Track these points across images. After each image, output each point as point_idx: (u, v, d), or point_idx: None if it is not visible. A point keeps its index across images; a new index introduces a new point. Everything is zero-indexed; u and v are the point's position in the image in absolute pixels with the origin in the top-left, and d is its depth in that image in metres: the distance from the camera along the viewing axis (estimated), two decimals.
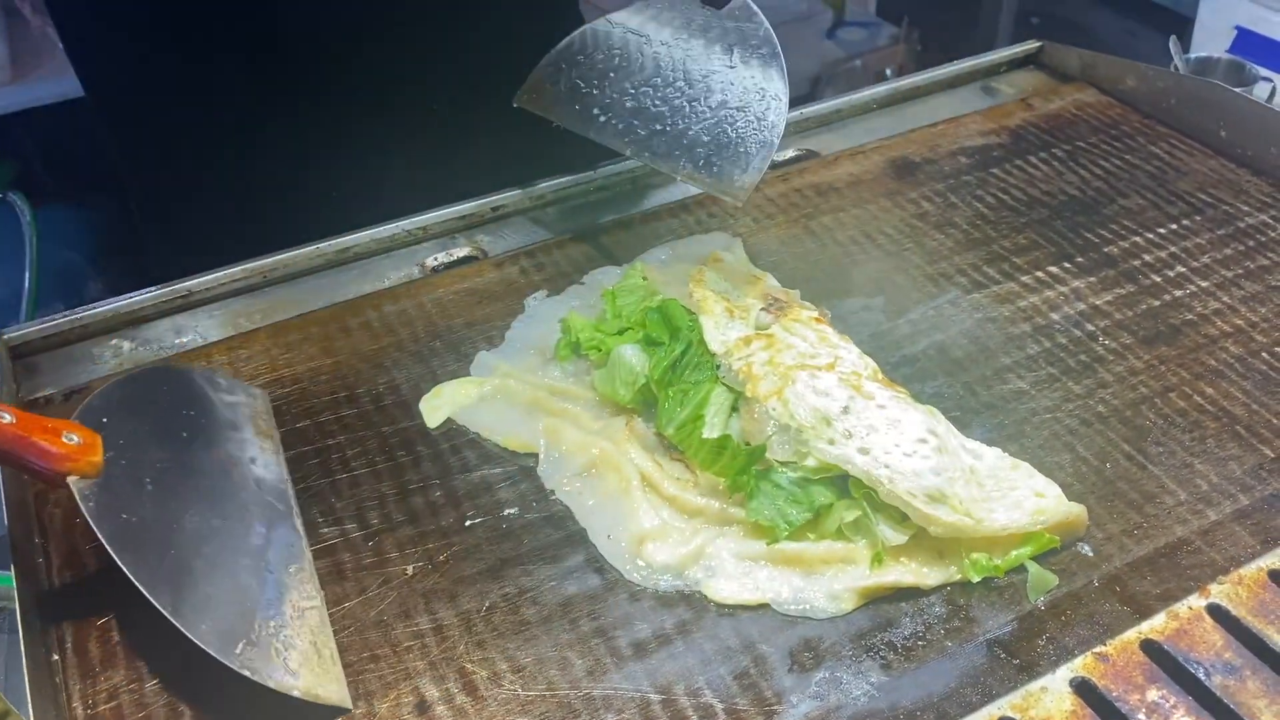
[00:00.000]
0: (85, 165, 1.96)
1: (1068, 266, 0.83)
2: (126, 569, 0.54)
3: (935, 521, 0.61)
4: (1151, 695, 0.50)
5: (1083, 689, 0.50)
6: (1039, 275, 0.83)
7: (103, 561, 0.63)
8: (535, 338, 0.77)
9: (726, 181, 0.78)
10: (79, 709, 0.56)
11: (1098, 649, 0.51)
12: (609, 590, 0.61)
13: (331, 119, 0.93)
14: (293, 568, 0.61)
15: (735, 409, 0.67)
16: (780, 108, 0.78)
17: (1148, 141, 0.97)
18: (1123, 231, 0.87)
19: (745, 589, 0.61)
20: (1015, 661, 0.57)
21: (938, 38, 2.37)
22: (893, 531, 0.61)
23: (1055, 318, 0.79)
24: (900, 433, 0.64)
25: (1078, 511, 0.63)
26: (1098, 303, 0.80)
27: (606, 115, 0.84)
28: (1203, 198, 0.90)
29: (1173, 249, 0.85)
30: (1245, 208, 0.89)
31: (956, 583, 0.61)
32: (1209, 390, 0.72)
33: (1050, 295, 0.81)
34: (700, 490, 0.65)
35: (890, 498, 0.61)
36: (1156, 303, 0.80)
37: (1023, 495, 0.64)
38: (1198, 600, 0.53)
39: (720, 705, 0.55)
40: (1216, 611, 0.52)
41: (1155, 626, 0.52)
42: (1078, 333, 0.77)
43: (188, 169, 0.97)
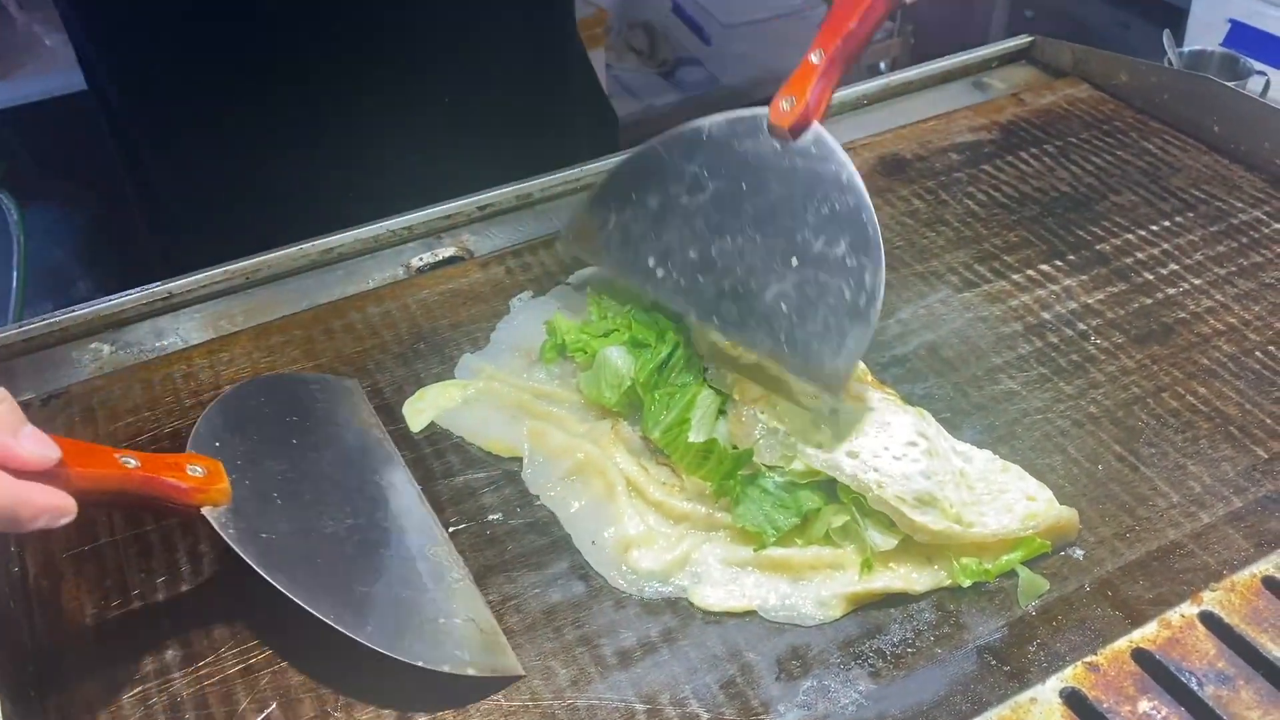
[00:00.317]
0: (73, 164, 1.95)
1: (1059, 264, 0.82)
2: (283, 588, 0.54)
3: (922, 530, 0.60)
4: (1143, 706, 0.49)
5: (1073, 700, 0.49)
6: (1030, 273, 0.82)
7: (78, 569, 0.62)
8: (520, 339, 0.76)
9: (815, 366, 0.62)
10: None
11: (1088, 658, 0.50)
12: (593, 598, 0.60)
13: (340, 114, 0.92)
14: (432, 549, 0.61)
15: (722, 412, 0.66)
16: (876, 271, 0.61)
17: (1140, 137, 0.96)
18: (1115, 229, 0.86)
19: (732, 596, 0.60)
20: (1006, 668, 0.56)
21: (932, 31, 2.36)
22: (881, 536, 0.60)
23: (1047, 317, 0.78)
24: (889, 436, 0.63)
25: (1069, 515, 0.62)
26: (1089, 301, 0.79)
27: (665, 267, 0.69)
28: (1195, 194, 0.89)
29: (1165, 246, 0.84)
30: (1238, 204, 0.88)
31: (946, 588, 0.60)
32: (1202, 390, 0.71)
33: (1042, 294, 0.80)
34: (686, 495, 0.64)
35: (878, 503, 0.60)
36: (1149, 301, 0.79)
37: (1013, 499, 0.63)
38: (1190, 608, 0.52)
39: (706, 715, 0.54)
40: (1209, 619, 0.51)
41: (1147, 635, 0.51)
42: (1069, 332, 0.76)
43: (189, 162, 0.96)
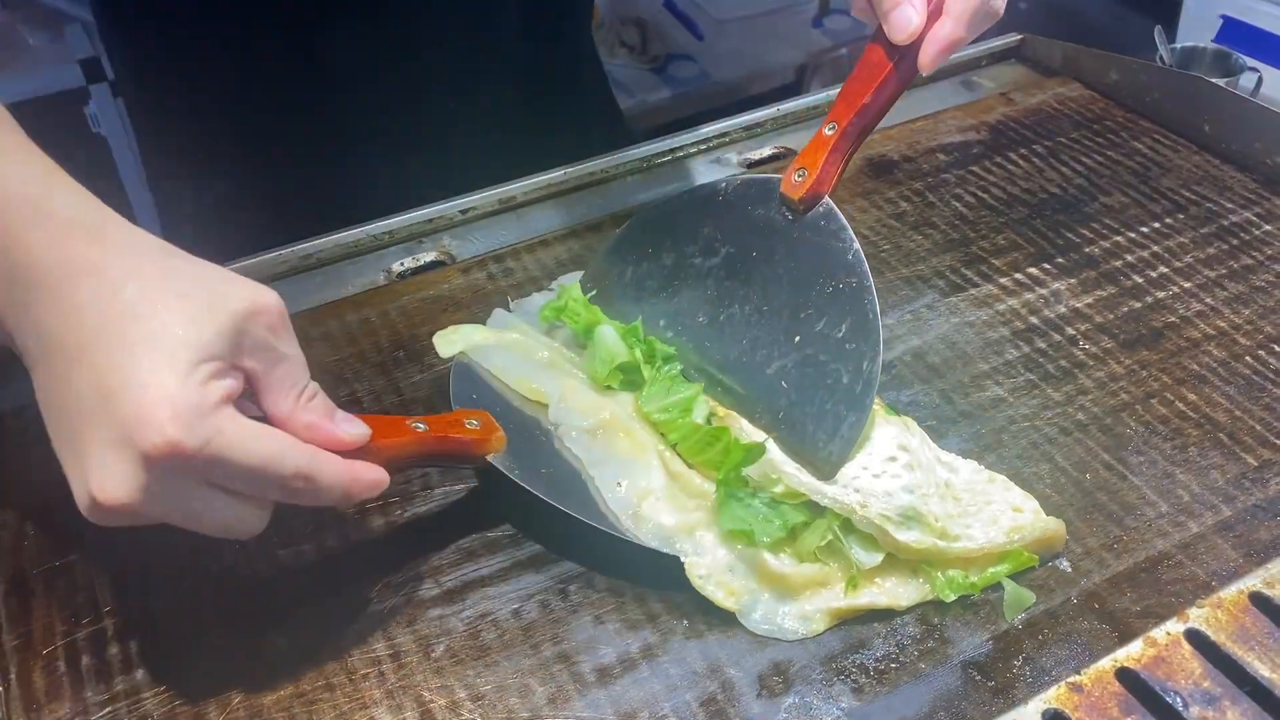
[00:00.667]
0: (59, 163, 1.94)
1: (1048, 268, 0.81)
2: (579, 515, 0.60)
3: (905, 549, 0.59)
4: None
5: None
6: (1018, 277, 0.81)
7: (49, 585, 0.61)
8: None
9: (810, 449, 0.61)
10: None
11: (1072, 679, 0.49)
12: (572, 613, 0.59)
13: (353, 111, 0.93)
14: None
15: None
16: (874, 359, 0.61)
17: (1130, 137, 0.95)
18: (1104, 231, 0.85)
19: (720, 587, 0.59)
20: (990, 684, 0.55)
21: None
22: (865, 554, 0.59)
23: (1035, 321, 0.77)
24: (868, 453, 0.62)
25: (1055, 527, 0.61)
26: (1078, 305, 0.78)
27: (674, 329, 0.69)
28: (1186, 195, 0.88)
29: (1155, 249, 0.83)
30: (1229, 205, 0.87)
31: (931, 601, 0.59)
32: (1191, 396, 0.71)
33: (1030, 298, 0.79)
34: (702, 475, 0.63)
35: (864, 524, 0.59)
36: (1138, 305, 0.78)
37: (999, 510, 0.62)
38: (1176, 625, 0.51)
39: None
40: (1195, 637, 0.50)
41: (1132, 654, 0.50)
42: (1057, 337, 0.75)
43: (208, 154, 0.96)
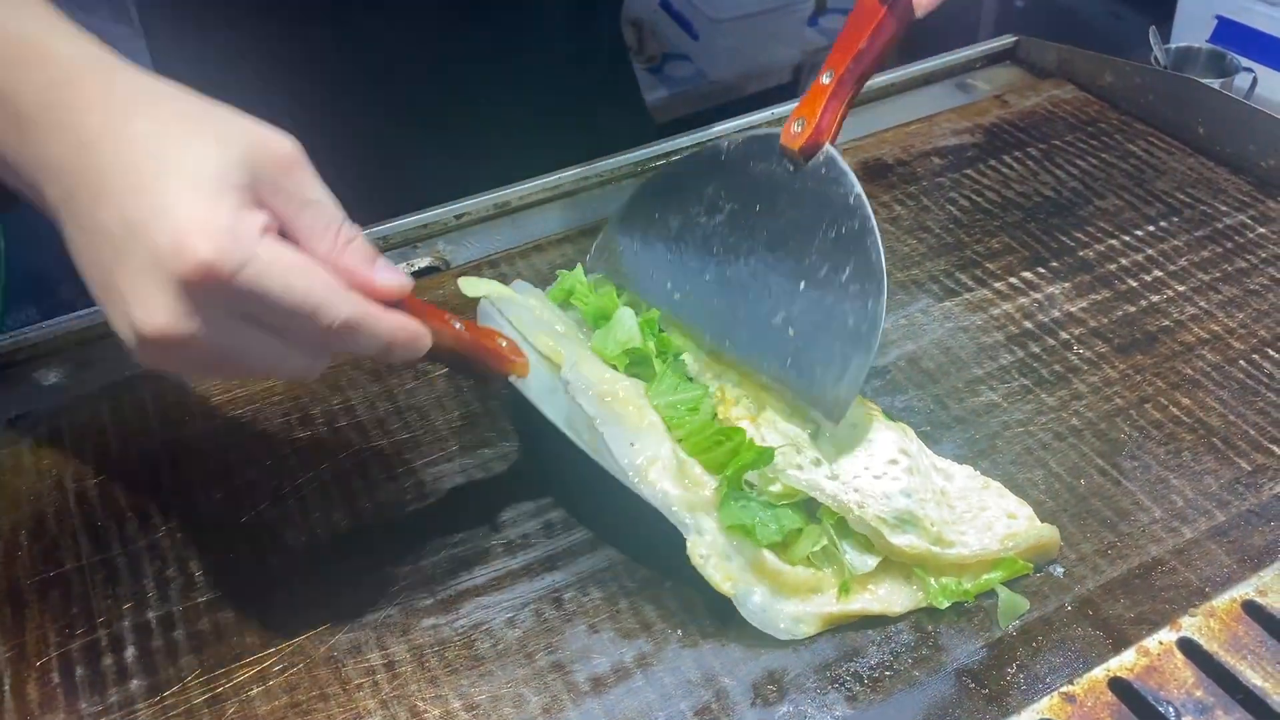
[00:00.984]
0: None
1: (1042, 271, 0.81)
2: (586, 449, 0.61)
3: (900, 553, 0.59)
4: None
5: None
6: (1013, 281, 0.81)
7: (42, 596, 0.61)
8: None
9: (818, 393, 0.62)
10: None
11: (1065, 689, 0.49)
12: (566, 622, 0.59)
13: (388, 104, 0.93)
14: None
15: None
16: (878, 299, 0.61)
17: (1125, 139, 0.95)
18: (1099, 234, 0.85)
19: (719, 569, 0.59)
20: (984, 691, 0.55)
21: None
22: (860, 559, 0.59)
23: (1029, 325, 0.77)
24: (870, 454, 0.62)
25: (1050, 534, 0.61)
26: (1072, 309, 0.78)
27: (682, 290, 0.70)
28: (1181, 198, 0.88)
29: (1149, 252, 0.83)
30: (1224, 208, 0.87)
31: (925, 608, 0.59)
32: (1185, 401, 0.71)
33: (1024, 302, 0.79)
34: (704, 469, 0.62)
35: (859, 524, 0.59)
36: (1132, 309, 0.78)
37: (993, 516, 0.62)
38: (1168, 634, 0.51)
39: None
40: (1188, 646, 0.50)
41: (1125, 664, 0.50)
42: (1051, 341, 0.75)
43: None
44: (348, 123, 0.93)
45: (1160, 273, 0.81)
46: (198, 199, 0.45)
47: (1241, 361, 0.73)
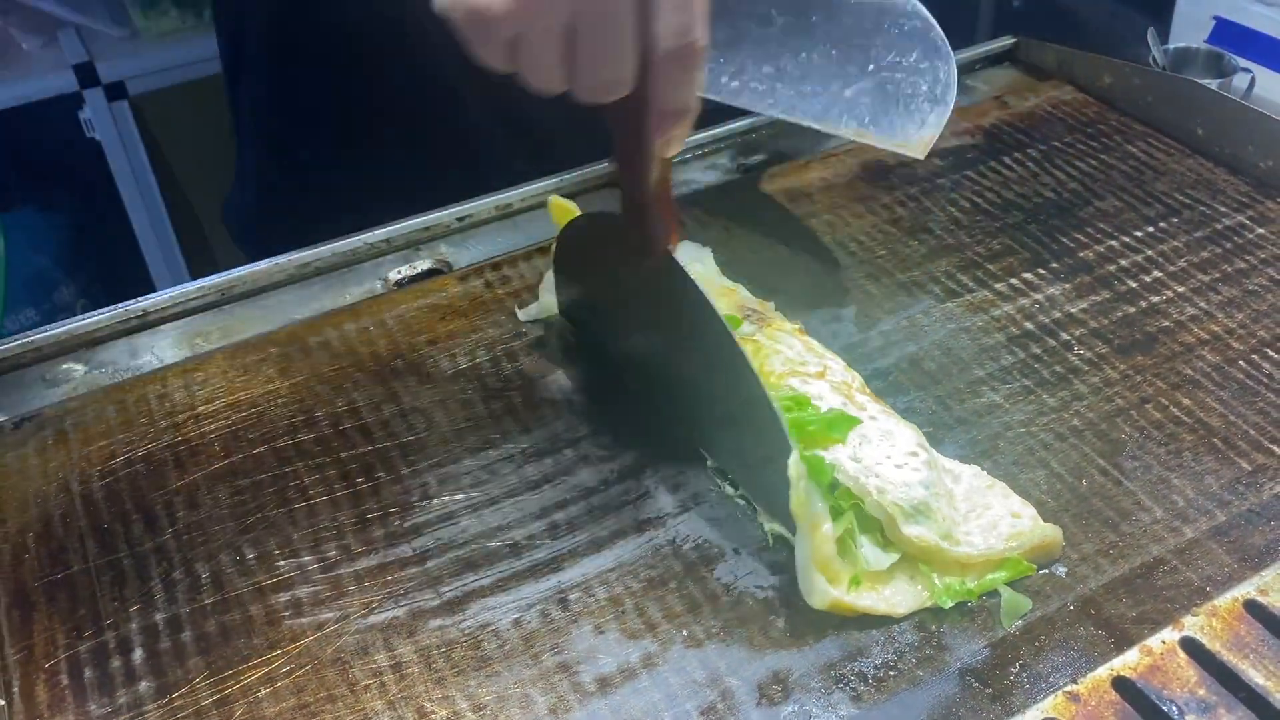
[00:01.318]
0: (53, 168, 1.94)
1: (1042, 273, 0.82)
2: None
3: (909, 543, 0.59)
4: None
5: None
6: (1013, 282, 0.81)
7: (50, 598, 0.61)
8: None
9: (902, 136, 0.74)
10: None
11: (1069, 688, 0.49)
12: (572, 623, 0.59)
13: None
14: None
15: None
16: (950, 70, 0.74)
17: (1124, 141, 0.95)
18: (1098, 235, 0.85)
19: (800, 493, 0.59)
20: (988, 690, 0.55)
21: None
22: (875, 554, 0.60)
23: (1030, 327, 0.77)
24: (892, 444, 0.63)
25: (1053, 534, 0.61)
26: (1073, 310, 0.78)
27: (741, 80, 0.78)
28: (1180, 199, 0.88)
29: (1149, 253, 0.83)
30: (1223, 208, 0.87)
31: (928, 608, 0.60)
32: (1185, 401, 0.71)
33: (1024, 303, 0.79)
34: None
35: (875, 509, 0.59)
36: (1132, 309, 0.78)
37: (998, 516, 0.62)
38: (1171, 634, 0.51)
39: None
40: (1190, 645, 0.51)
41: (1128, 663, 0.50)
42: (1052, 342, 0.76)
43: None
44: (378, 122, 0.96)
45: (1160, 274, 0.81)
46: None
47: (1241, 362, 0.73)
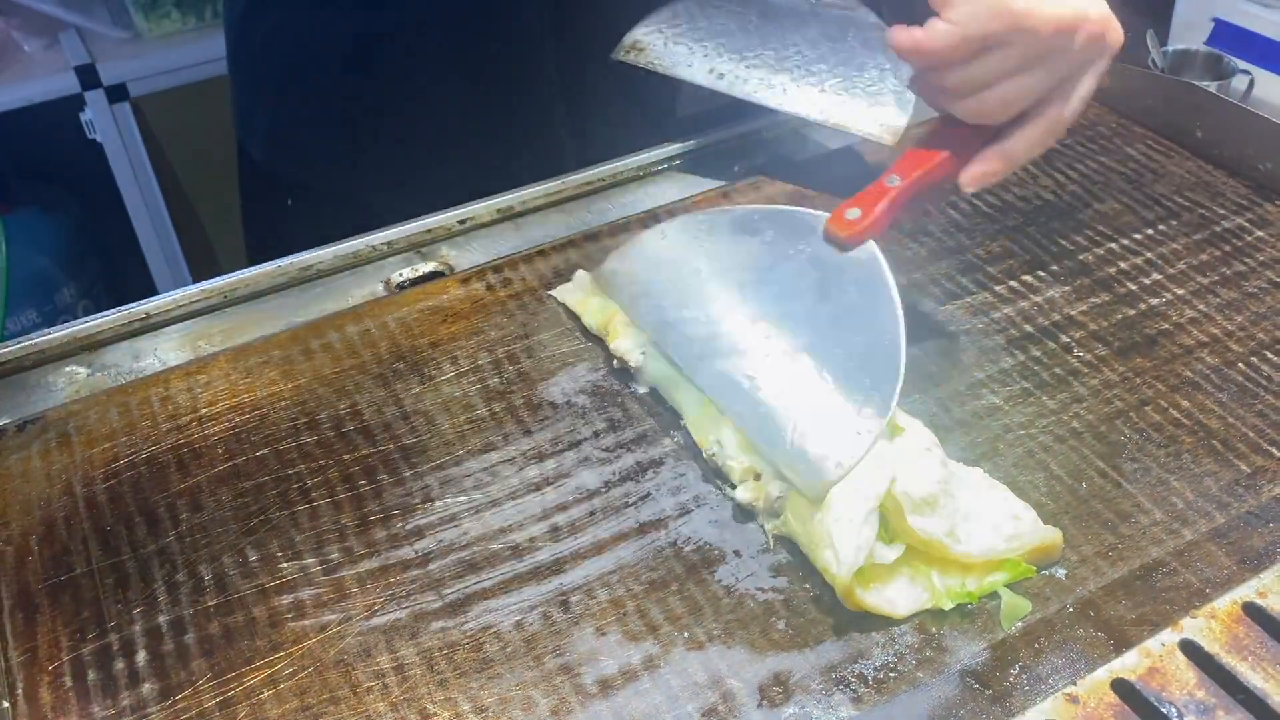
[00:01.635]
0: (54, 170, 1.94)
1: (1042, 275, 0.82)
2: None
3: (913, 536, 0.60)
4: None
5: None
6: (1013, 284, 0.81)
7: (54, 601, 0.62)
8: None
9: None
10: None
11: (1068, 690, 0.50)
12: (574, 625, 0.60)
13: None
14: None
15: None
16: (882, 414, 0.62)
17: (1124, 143, 0.95)
18: (1098, 237, 0.85)
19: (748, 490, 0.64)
20: (988, 692, 0.56)
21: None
22: (881, 548, 0.60)
23: (1029, 329, 0.77)
24: (907, 439, 0.63)
25: (1053, 536, 0.61)
26: (1072, 313, 0.79)
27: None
28: (1180, 201, 0.89)
29: (1149, 255, 0.84)
30: (1222, 211, 0.87)
31: (928, 610, 0.60)
32: (1185, 403, 0.71)
33: (1024, 306, 0.79)
34: None
35: (886, 498, 0.60)
36: (1132, 312, 0.79)
37: (998, 518, 0.62)
38: (1170, 636, 0.52)
39: None
40: (1189, 648, 0.51)
41: (1127, 665, 0.51)
42: (1052, 344, 0.76)
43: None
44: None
45: (1159, 276, 0.81)
46: None
47: (1240, 364, 0.74)
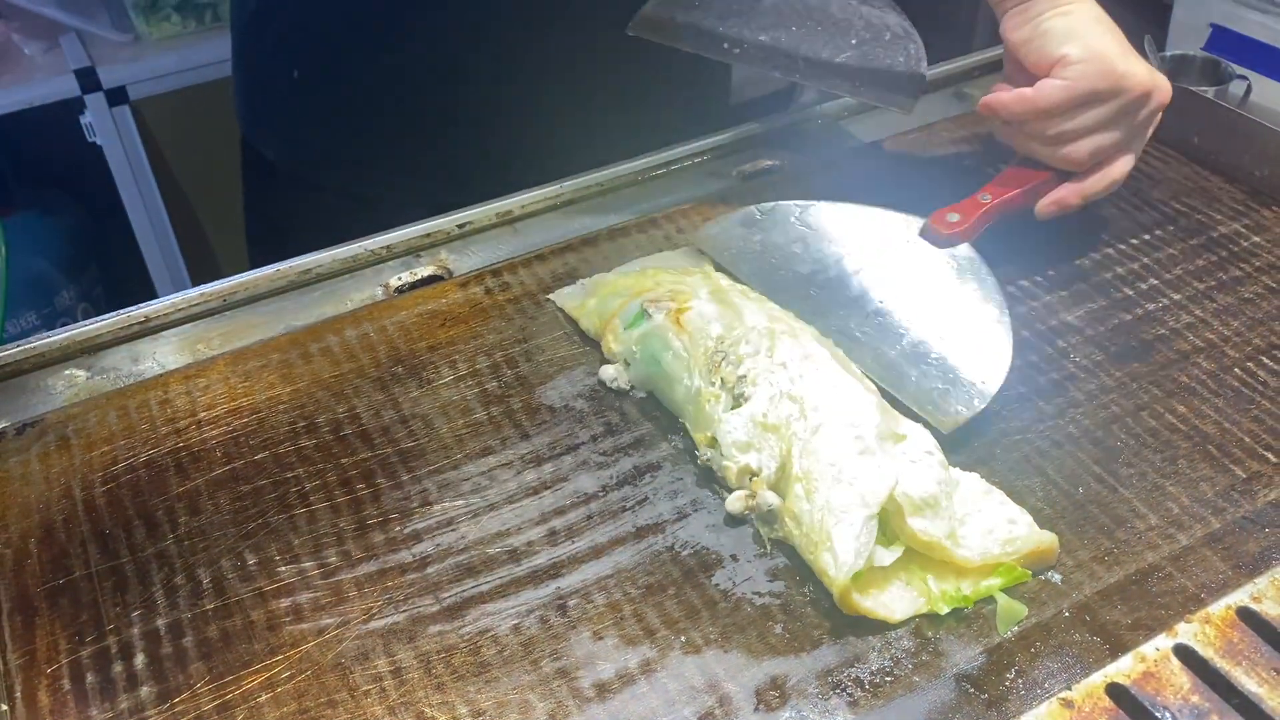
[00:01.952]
0: (54, 172, 1.94)
1: (1039, 280, 0.82)
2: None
3: (913, 538, 0.60)
4: None
5: None
6: (1010, 289, 0.81)
7: (52, 604, 0.62)
8: None
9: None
10: None
11: (1063, 695, 0.50)
12: (571, 629, 0.60)
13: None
14: None
15: None
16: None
17: None
18: (1094, 242, 0.86)
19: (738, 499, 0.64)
20: (984, 697, 0.56)
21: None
22: (879, 550, 0.60)
23: (1026, 334, 0.78)
24: (908, 443, 0.64)
25: (1049, 541, 0.62)
26: (1069, 318, 0.79)
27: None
28: (1176, 206, 0.89)
29: (1145, 260, 0.84)
30: (1218, 216, 0.88)
31: (925, 614, 0.60)
32: (1181, 408, 0.71)
33: (1022, 310, 0.80)
34: None
35: (888, 499, 0.60)
36: (1128, 317, 0.79)
37: (994, 522, 0.63)
38: (1165, 640, 0.52)
39: None
40: (1184, 652, 0.51)
41: (1122, 670, 0.51)
42: (1049, 349, 0.76)
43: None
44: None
45: (1156, 281, 0.82)
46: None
47: (1236, 369, 0.74)
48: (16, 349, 0.78)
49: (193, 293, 0.82)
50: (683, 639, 0.59)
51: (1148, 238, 0.86)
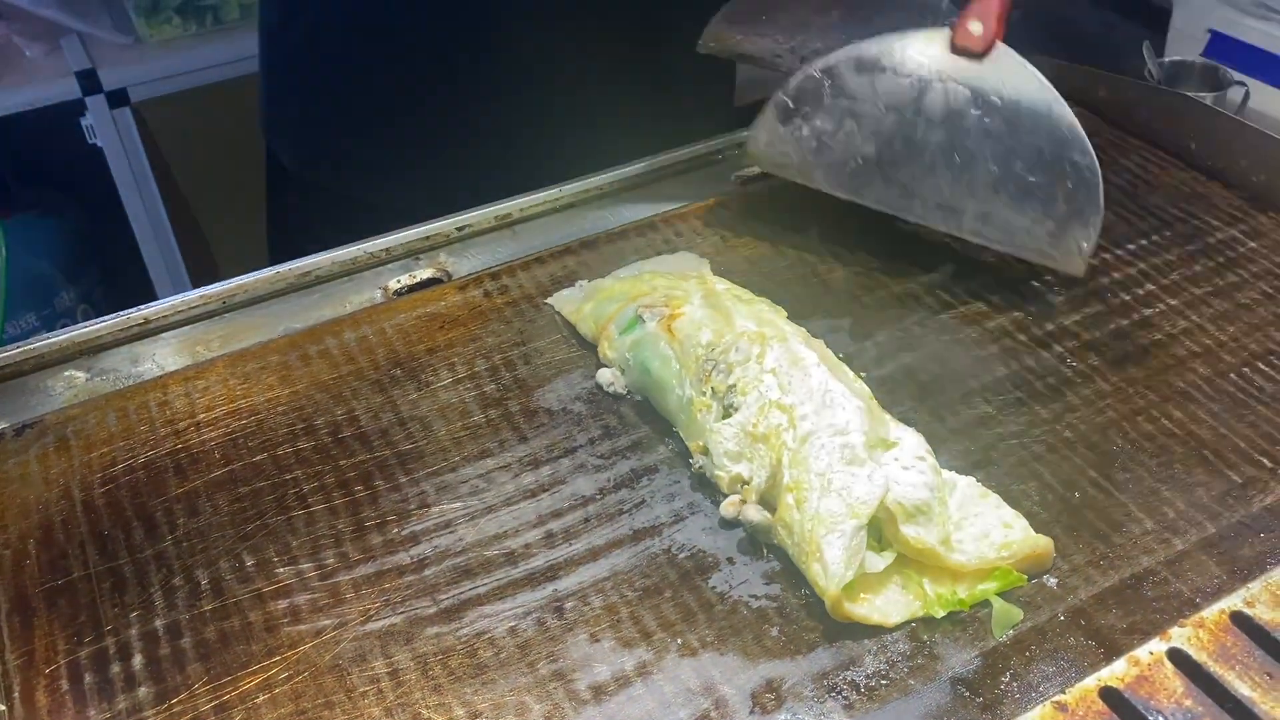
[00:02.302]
0: (54, 174, 1.95)
1: (1036, 285, 0.83)
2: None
3: (906, 545, 0.60)
4: None
5: None
6: (1008, 294, 0.82)
7: (51, 604, 0.62)
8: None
9: (1055, 253, 0.78)
10: None
11: (1057, 698, 0.50)
12: (568, 631, 0.60)
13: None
14: None
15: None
16: (1093, 165, 0.74)
17: (1118, 154, 0.96)
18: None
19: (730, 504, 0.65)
20: (979, 700, 0.56)
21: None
22: (871, 557, 0.61)
23: (1023, 339, 0.78)
24: (900, 448, 0.64)
25: (1044, 545, 0.62)
26: (1066, 323, 0.79)
27: (872, 168, 0.80)
28: (1173, 212, 0.89)
29: (1142, 265, 0.84)
30: (1215, 222, 0.88)
31: (920, 618, 0.60)
32: (1177, 413, 0.72)
33: (1018, 315, 0.80)
34: None
35: (880, 506, 0.60)
36: (1125, 322, 0.79)
37: (989, 526, 0.63)
38: (1159, 644, 0.52)
39: None
40: (1177, 656, 0.51)
41: (1116, 674, 0.51)
42: (1045, 354, 0.77)
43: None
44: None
45: (1153, 286, 0.82)
46: None
47: (1232, 375, 0.74)
48: (16, 350, 0.78)
49: (192, 295, 0.83)
50: (679, 641, 0.59)
51: (1145, 243, 0.86)
